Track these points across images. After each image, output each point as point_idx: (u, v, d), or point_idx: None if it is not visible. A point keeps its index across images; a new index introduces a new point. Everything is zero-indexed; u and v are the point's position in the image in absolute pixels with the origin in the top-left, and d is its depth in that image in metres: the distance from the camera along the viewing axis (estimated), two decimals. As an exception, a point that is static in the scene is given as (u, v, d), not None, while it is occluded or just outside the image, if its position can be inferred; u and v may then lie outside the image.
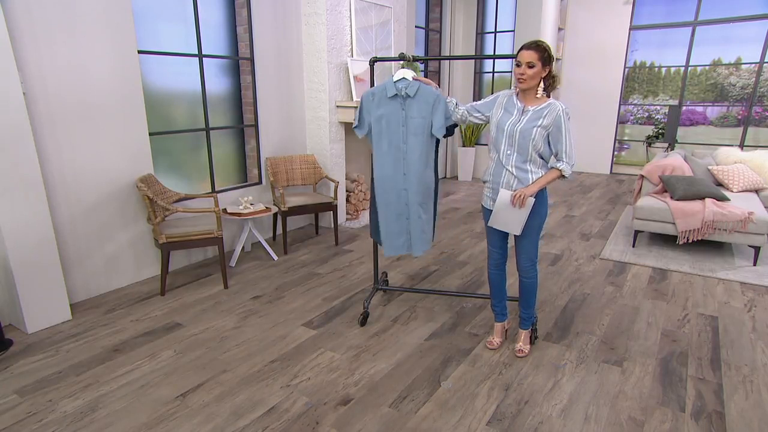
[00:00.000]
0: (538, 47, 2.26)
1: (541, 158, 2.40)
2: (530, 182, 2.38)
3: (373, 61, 2.87)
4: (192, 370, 2.51)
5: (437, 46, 7.66)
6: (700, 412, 2.19)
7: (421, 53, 7.34)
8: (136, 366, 2.55)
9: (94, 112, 3.23)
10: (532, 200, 2.36)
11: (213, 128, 4.21)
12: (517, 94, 2.41)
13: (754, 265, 3.96)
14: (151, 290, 3.51)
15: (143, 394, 2.31)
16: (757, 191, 4.76)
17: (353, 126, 2.77)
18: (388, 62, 5.17)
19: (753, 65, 7.15)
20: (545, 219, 2.53)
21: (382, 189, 2.80)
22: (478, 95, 8.20)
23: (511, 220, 2.43)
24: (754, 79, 7.10)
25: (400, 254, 2.96)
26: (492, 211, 2.49)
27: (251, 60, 4.34)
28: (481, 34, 7.93)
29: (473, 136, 7.88)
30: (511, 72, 7.59)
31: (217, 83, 4.28)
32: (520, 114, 2.36)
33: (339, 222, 5.08)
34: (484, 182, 2.57)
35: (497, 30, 7.81)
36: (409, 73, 2.60)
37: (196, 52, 3.94)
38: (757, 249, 3.96)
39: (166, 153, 3.94)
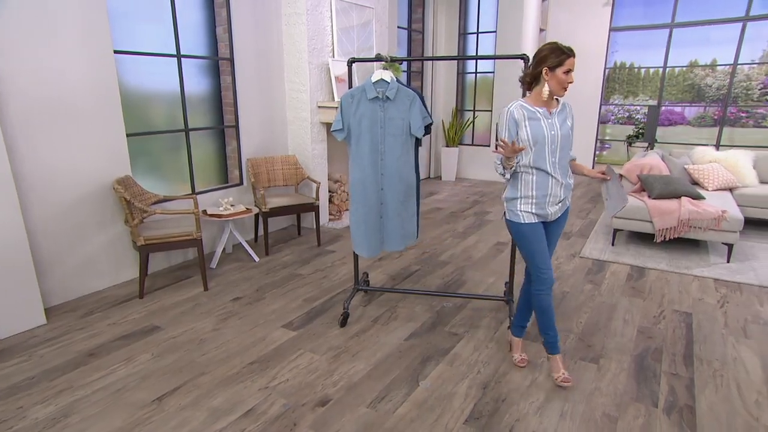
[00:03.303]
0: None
1: None
2: (571, 187, 2.35)
3: (351, 62, 2.87)
4: (169, 374, 2.49)
5: (420, 47, 7.69)
6: (672, 406, 2.23)
7: (403, 54, 7.36)
8: (111, 370, 2.51)
9: (69, 113, 3.18)
10: None
11: (192, 129, 4.17)
12: (526, 101, 2.26)
13: (728, 262, 4.04)
14: (130, 293, 3.46)
15: (119, 398, 2.29)
16: (731, 190, 4.87)
17: (332, 129, 2.75)
18: (370, 62, 5.18)
19: (727, 67, 7.30)
20: None
21: (361, 189, 2.81)
22: (461, 95, 8.24)
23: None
24: (728, 80, 7.26)
25: (373, 255, 2.96)
26: (530, 224, 2.30)
27: (231, 60, 4.31)
28: (463, 34, 7.98)
29: (456, 135, 7.92)
30: (493, 73, 7.65)
31: (197, 84, 4.24)
32: (546, 119, 2.22)
33: (321, 223, 5.07)
34: (517, 198, 2.31)
35: (479, 31, 7.87)
36: (387, 74, 2.61)
37: (175, 53, 3.90)
38: (730, 246, 4.05)
39: (144, 154, 3.90)
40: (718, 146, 7.51)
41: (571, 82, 2.18)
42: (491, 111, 7.74)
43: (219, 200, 4.08)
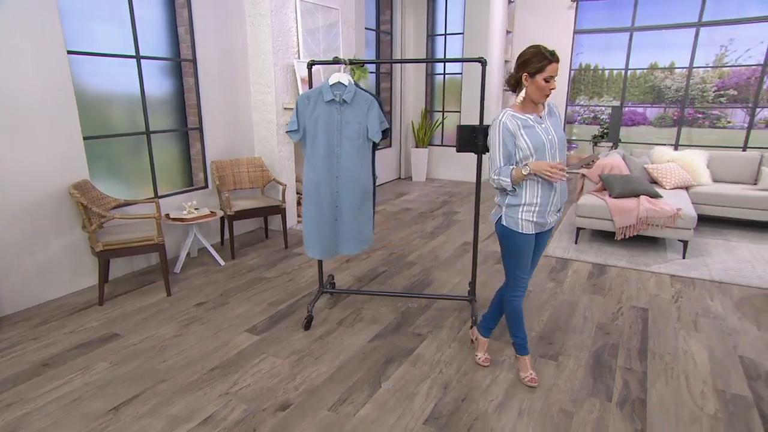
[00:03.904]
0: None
1: None
2: (566, 193, 2.27)
3: (311, 65, 2.87)
4: (128, 382, 2.44)
5: (389, 48, 7.71)
6: (624, 400, 2.31)
7: (372, 55, 7.37)
8: (67, 380, 2.45)
9: (20, 114, 3.07)
10: None
11: (154, 131, 4.09)
12: (514, 109, 2.19)
13: (683, 258, 4.19)
14: (89, 300, 3.37)
15: (73, 409, 2.23)
16: (686, 188, 5.05)
17: (287, 130, 2.74)
18: (336, 65, 5.17)
19: (684, 69, 7.57)
20: None
21: (315, 191, 2.81)
22: (430, 96, 8.30)
23: None
24: (685, 82, 7.53)
25: (327, 258, 2.96)
26: (528, 235, 2.24)
27: (193, 62, 4.24)
28: (431, 36, 8.04)
29: (426, 136, 7.98)
30: (461, 74, 7.72)
31: (158, 85, 4.15)
32: (540, 125, 2.15)
33: (289, 225, 5.04)
34: (519, 206, 2.20)
35: (447, 32, 7.94)
36: (344, 77, 2.61)
37: (134, 54, 3.81)
38: (685, 243, 4.20)
39: (104, 158, 3.80)
40: (676, 146, 7.78)
41: (553, 89, 2.07)
42: (459, 112, 7.82)
43: (183, 204, 4.01)
